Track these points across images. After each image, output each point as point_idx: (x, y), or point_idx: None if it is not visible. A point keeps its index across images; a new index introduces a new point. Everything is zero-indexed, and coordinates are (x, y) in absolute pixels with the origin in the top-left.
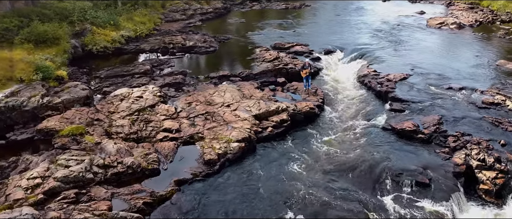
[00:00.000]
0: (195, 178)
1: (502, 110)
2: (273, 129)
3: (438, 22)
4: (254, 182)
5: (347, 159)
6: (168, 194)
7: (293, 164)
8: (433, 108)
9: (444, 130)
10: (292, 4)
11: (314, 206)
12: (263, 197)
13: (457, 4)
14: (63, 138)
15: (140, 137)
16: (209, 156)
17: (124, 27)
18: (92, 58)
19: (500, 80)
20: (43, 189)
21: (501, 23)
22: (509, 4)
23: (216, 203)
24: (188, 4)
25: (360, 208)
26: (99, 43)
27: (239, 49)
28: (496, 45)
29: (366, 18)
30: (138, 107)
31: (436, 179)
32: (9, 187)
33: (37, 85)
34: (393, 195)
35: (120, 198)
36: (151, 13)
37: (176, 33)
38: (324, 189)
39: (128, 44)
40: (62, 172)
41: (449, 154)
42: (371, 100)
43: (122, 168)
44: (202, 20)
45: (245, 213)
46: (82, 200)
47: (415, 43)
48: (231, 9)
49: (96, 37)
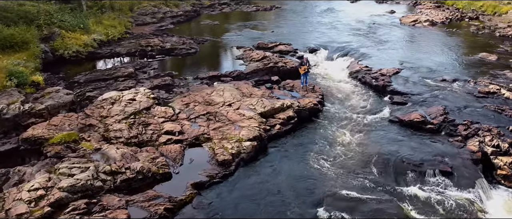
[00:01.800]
0: (212, 180)
1: (500, 98)
2: (281, 127)
3: (412, 20)
4: (275, 180)
5: (363, 153)
6: (187, 198)
7: (309, 161)
8: (434, 100)
9: (452, 119)
10: (262, 6)
11: (345, 201)
12: (289, 195)
13: (424, 3)
14: (55, 146)
15: (142, 141)
16: (222, 157)
17: (95, 30)
18: (64, 63)
19: (488, 71)
20: (48, 201)
21: (470, 20)
22: (474, 3)
23: (241, 204)
24: (157, 7)
25: (391, 200)
26: (70, 47)
27: (221, 50)
28: (472, 39)
29: (340, 18)
30: (133, 110)
31: (456, 167)
32: (8, 201)
33: (14, 92)
34: (419, 185)
35: (136, 206)
36: (120, 17)
37: (151, 36)
38: (349, 183)
39: (101, 48)
40: (68, 181)
41: (462, 142)
42: (369, 94)
43: (132, 174)
44: (173, 23)
45: (275, 212)
46: (95, 210)
47: (396, 40)
48: (200, 12)
49: (67, 41)
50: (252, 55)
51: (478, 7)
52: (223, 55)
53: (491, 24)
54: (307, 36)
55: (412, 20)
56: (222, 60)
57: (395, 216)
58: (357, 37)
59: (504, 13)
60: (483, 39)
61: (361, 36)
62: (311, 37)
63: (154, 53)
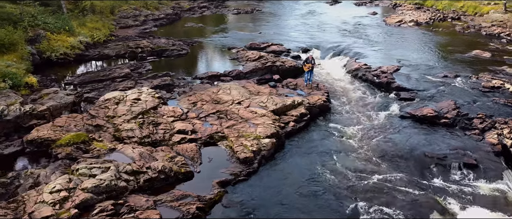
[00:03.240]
0: (237, 178)
1: (505, 92)
2: (295, 124)
3: (397, 20)
4: (301, 176)
5: (382, 147)
6: (216, 196)
7: (330, 156)
8: (442, 95)
9: (465, 113)
10: (243, 9)
11: (378, 194)
12: (320, 191)
13: (404, 5)
14: (65, 147)
15: (155, 140)
16: (243, 154)
17: (80, 33)
18: (51, 65)
19: (486, 67)
20: (74, 203)
21: (452, 20)
22: (454, 4)
23: (272, 200)
24: (138, 10)
25: (423, 193)
26: (57, 49)
27: (213, 51)
28: (461, 38)
29: (324, 20)
30: (141, 110)
31: (480, 160)
32: (29, 205)
33: (10, 93)
34: (446, 177)
35: (165, 206)
36: (102, 19)
37: (137, 38)
38: (377, 178)
39: (88, 50)
40: (91, 182)
41: (480, 135)
42: (373, 91)
43: (154, 174)
44: (156, 26)
45: (310, 207)
46: (123, 211)
47: (386, 39)
48: (181, 15)
49: (53, 43)
50: (248, 55)
51: (459, 7)
52: (216, 56)
53: (474, 24)
54: (296, 37)
55: (397, 21)
56: (216, 61)
57: (433, 208)
58: (346, 37)
59: (486, 13)
60: (472, 38)
61: (350, 36)
62: (301, 38)
63: (144, 54)
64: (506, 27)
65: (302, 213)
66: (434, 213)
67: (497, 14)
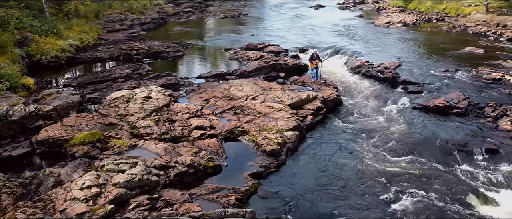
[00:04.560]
0: (268, 170)
1: (508, 83)
2: (313, 117)
3: (385, 22)
4: (330, 166)
5: (403, 137)
6: (251, 188)
7: (354, 147)
8: (448, 87)
9: (476, 102)
10: (230, 14)
11: (408, 179)
12: (351, 178)
13: (389, 8)
14: (80, 146)
15: (175, 136)
16: (270, 147)
17: (68, 36)
18: (42, 69)
19: (483, 62)
20: (107, 199)
21: (437, 21)
22: (436, 6)
23: (307, 189)
24: (123, 14)
25: (453, 177)
26: (48, 52)
27: (210, 52)
28: (450, 37)
29: (314, 23)
30: (153, 107)
31: (500, 145)
32: (58, 202)
33: (10, 94)
34: (471, 163)
35: (202, 199)
36: (88, 23)
37: (128, 41)
38: (404, 164)
39: (78, 53)
40: (123, 177)
41: (493, 122)
42: (380, 86)
43: (183, 168)
44: (144, 30)
45: (345, 193)
46: (159, 205)
47: (379, 39)
48: (167, 20)
49: (42, 46)
50: (248, 55)
51: (441, 9)
52: (215, 57)
53: (460, 24)
54: (290, 38)
55: (386, 22)
56: (216, 61)
57: (467, 191)
58: (340, 38)
59: (468, 14)
60: (460, 36)
61: (343, 37)
62: (295, 39)
63: (140, 56)
64: (491, 26)
65: (340, 200)
66: (469, 195)
67: (479, 14)
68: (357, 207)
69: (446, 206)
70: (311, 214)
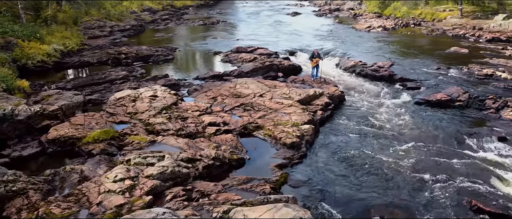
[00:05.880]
0: (291, 161)
1: (500, 78)
2: (323, 112)
3: (366, 26)
4: (351, 158)
5: (413, 128)
6: (281, 178)
7: (369, 139)
8: (445, 83)
9: (476, 95)
10: (209, 21)
11: (431, 166)
12: (373, 167)
13: (366, 14)
14: (96, 144)
15: (190, 132)
16: (289, 140)
17: (51, 41)
18: (28, 73)
19: (470, 60)
20: (143, 190)
21: (414, 25)
22: (412, 11)
23: (333, 178)
24: (102, 21)
25: (472, 163)
26: (33, 57)
27: (200, 56)
28: (432, 39)
29: (296, 28)
30: (163, 105)
31: (508, 133)
32: (92, 196)
33: (9, 96)
34: (485, 150)
35: (236, 189)
36: (68, 29)
37: (112, 46)
38: (421, 152)
39: (64, 58)
40: (156, 169)
41: (496, 113)
42: (377, 84)
43: (209, 161)
44: (125, 36)
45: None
46: (195, 196)
47: (364, 42)
48: (146, 27)
49: (27, 50)
50: (242, 57)
51: (417, 15)
52: (206, 60)
53: (437, 28)
54: (276, 42)
55: (366, 27)
56: (209, 63)
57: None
58: (325, 41)
59: (444, 19)
60: (441, 39)
61: (329, 40)
62: (281, 43)
63: (130, 60)
64: (468, 29)
65: (367, 187)
66: (492, 179)
67: (454, 19)
68: (386, 193)
69: (474, 188)
70: (345, 201)
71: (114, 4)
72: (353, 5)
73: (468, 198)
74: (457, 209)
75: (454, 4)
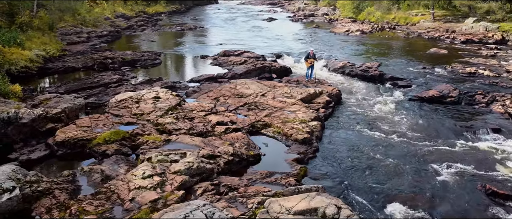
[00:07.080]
0: (306, 156)
1: (483, 76)
2: (325, 110)
3: (344, 30)
4: (362, 152)
5: (412, 123)
6: (301, 172)
7: (374, 134)
8: (433, 81)
9: (466, 91)
10: (186, 27)
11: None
12: (386, 158)
13: (341, 19)
14: (108, 144)
15: (201, 131)
16: (300, 136)
17: (31, 47)
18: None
19: (451, 60)
20: (174, 185)
21: (390, 29)
22: (385, 16)
23: (351, 169)
24: (78, 27)
25: (474, 152)
26: (16, 63)
27: (187, 60)
28: (410, 41)
29: (276, 33)
30: (167, 106)
31: (500, 125)
32: (122, 193)
33: (7, 100)
34: (482, 140)
35: (260, 182)
36: (45, 35)
37: (94, 52)
38: (426, 145)
39: (46, 64)
40: (182, 165)
41: (486, 107)
42: (368, 83)
43: (229, 157)
44: (103, 42)
45: (388, 171)
46: (223, 191)
47: (347, 45)
48: (122, 33)
49: (8, 56)
50: (232, 60)
51: (391, 19)
52: (195, 63)
53: (412, 31)
54: (260, 46)
55: (345, 30)
56: (198, 67)
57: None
58: (309, 44)
59: (417, 22)
60: (418, 41)
61: (311, 43)
62: (265, 47)
63: (116, 65)
64: (441, 32)
65: (385, 177)
66: (497, 166)
67: (427, 23)
68: (402, 182)
69: (482, 174)
70: (366, 191)
71: (88, 10)
72: (327, 11)
73: (481, 183)
74: (473, 194)
75: (426, 8)
